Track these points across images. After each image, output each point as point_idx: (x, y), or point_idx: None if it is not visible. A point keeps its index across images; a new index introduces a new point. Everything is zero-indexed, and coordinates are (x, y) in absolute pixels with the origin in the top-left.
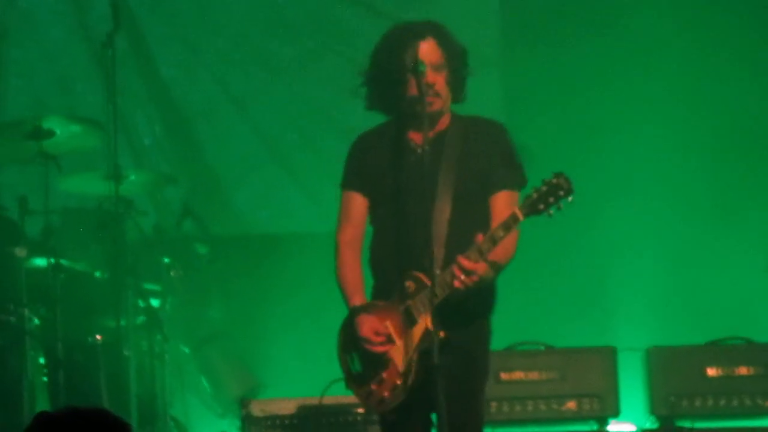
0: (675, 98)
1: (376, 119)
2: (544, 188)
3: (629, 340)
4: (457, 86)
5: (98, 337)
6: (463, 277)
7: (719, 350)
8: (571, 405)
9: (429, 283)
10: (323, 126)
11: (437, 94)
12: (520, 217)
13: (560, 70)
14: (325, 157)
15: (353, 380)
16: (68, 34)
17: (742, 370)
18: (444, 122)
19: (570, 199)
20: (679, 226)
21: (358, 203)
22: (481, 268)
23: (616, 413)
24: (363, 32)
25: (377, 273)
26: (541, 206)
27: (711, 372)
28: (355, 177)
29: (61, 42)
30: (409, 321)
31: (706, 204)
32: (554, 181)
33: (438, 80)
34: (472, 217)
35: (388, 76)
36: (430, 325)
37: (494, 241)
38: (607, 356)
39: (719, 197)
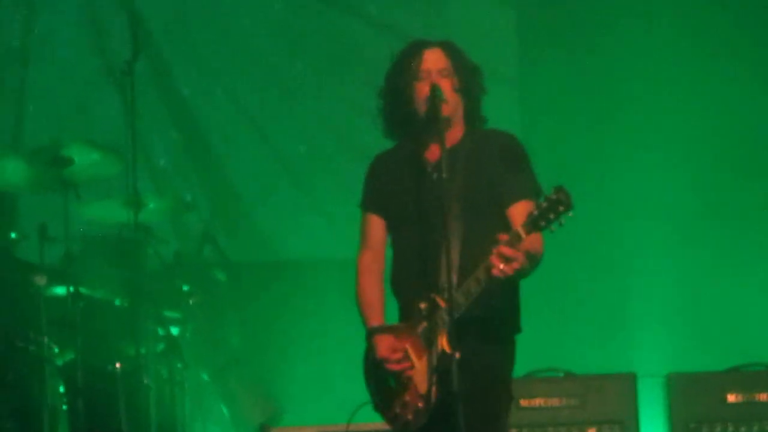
0: (699, 114)
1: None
2: (545, 204)
3: (649, 366)
4: (470, 102)
5: (118, 365)
6: (502, 266)
7: (740, 376)
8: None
9: (444, 304)
10: (342, 148)
11: (444, 100)
12: (523, 235)
13: (578, 86)
14: (344, 180)
15: (379, 404)
16: (87, 58)
17: (763, 396)
18: (456, 136)
19: (570, 214)
20: (699, 251)
21: (376, 225)
22: (520, 255)
23: None
24: (381, 54)
25: (399, 295)
26: (542, 223)
27: (731, 398)
28: (372, 199)
29: (80, 66)
30: (428, 342)
31: (725, 228)
32: (554, 196)
33: (443, 84)
34: (486, 233)
35: (397, 89)
36: (446, 347)
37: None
38: (628, 382)
39: (738, 222)
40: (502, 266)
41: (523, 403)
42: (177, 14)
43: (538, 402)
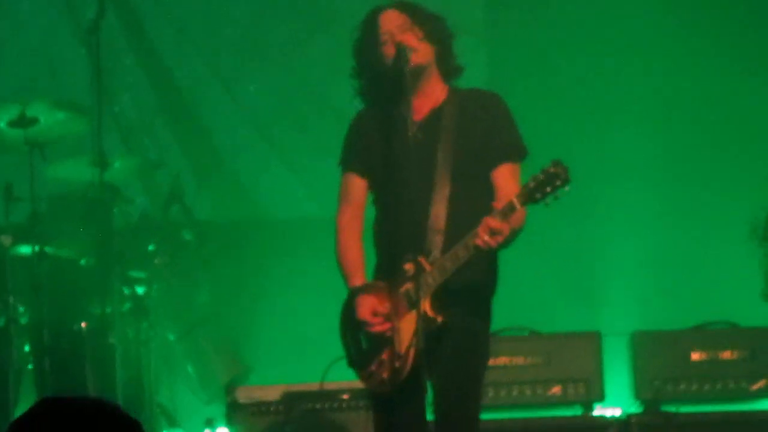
0: (670, 79)
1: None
2: (542, 177)
3: (614, 324)
4: (442, 49)
5: (84, 324)
6: (487, 237)
7: (704, 335)
8: (557, 390)
9: (429, 267)
10: (315, 107)
11: (412, 49)
12: (517, 206)
13: (548, 43)
14: (317, 139)
15: (355, 361)
16: (55, 15)
17: (727, 354)
18: (439, 97)
19: (567, 188)
20: (664, 210)
21: (357, 184)
22: (506, 229)
23: (601, 398)
24: (355, 12)
25: (380, 253)
26: (538, 195)
27: (695, 356)
28: (352, 157)
29: (48, 23)
30: (410, 304)
31: (691, 189)
32: (551, 170)
33: (406, 37)
34: (471, 195)
35: (365, 60)
36: (429, 310)
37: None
38: (592, 341)
39: (705, 181)
40: (486, 238)
41: (488, 361)
42: None
43: (502, 361)
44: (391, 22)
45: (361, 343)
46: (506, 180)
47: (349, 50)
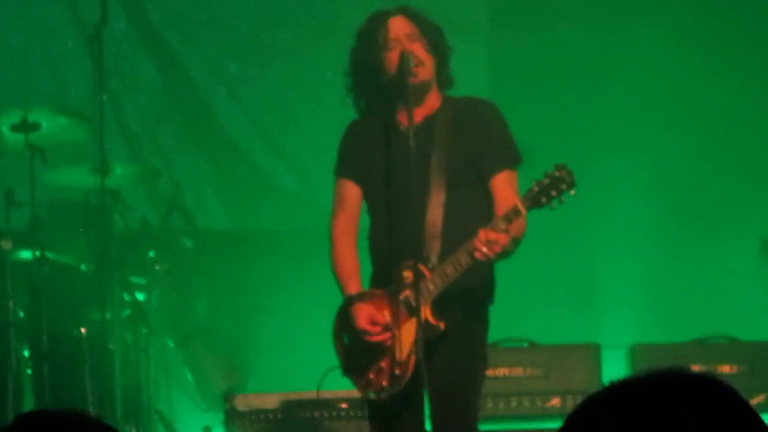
0: (663, 96)
1: None
2: (546, 181)
3: (613, 337)
4: (441, 64)
5: (83, 330)
6: (485, 249)
7: (703, 348)
8: (555, 402)
9: (428, 274)
10: (318, 116)
11: (420, 62)
12: (522, 210)
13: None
14: (318, 147)
15: (351, 369)
16: (60, 19)
17: (726, 368)
18: (433, 105)
19: (572, 192)
20: (664, 223)
21: (351, 191)
22: (504, 239)
23: None
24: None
25: (376, 261)
26: (543, 199)
27: (694, 370)
28: (346, 165)
29: (53, 27)
30: (409, 311)
31: (692, 202)
32: (556, 173)
33: (415, 48)
34: (467, 201)
35: (366, 64)
36: (430, 317)
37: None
38: (592, 353)
39: (705, 195)
40: (484, 249)
41: (488, 372)
42: None
43: (502, 371)
44: (401, 29)
45: (357, 351)
46: (504, 187)
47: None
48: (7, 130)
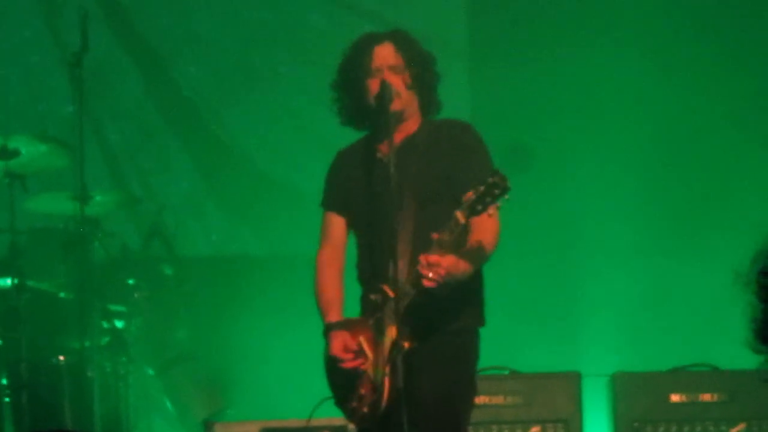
0: (647, 120)
1: (352, 132)
2: (482, 188)
3: (594, 365)
4: (424, 93)
5: (62, 358)
6: (431, 274)
7: (683, 376)
8: (536, 430)
9: (392, 294)
10: (300, 140)
11: (396, 93)
12: (461, 220)
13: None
14: (301, 174)
15: (338, 399)
16: (40, 46)
17: (706, 397)
18: (412, 127)
19: (506, 197)
20: (645, 251)
21: (336, 223)
22: (447, 261)
23: None
24: (340, 42)
25: (362, 288)
26: (479, 207)
27: (675, 398)
28: (331, 197)
29: (33, 53)
30: (379, 333)
31: (673, 230)
32: (490, 180)
33: (395, 81)
34: (438, 221)
35: (349, 85)
36: (396, 337)
37: (441, 245)
38: (572, 382)
39: (684, 224)
40: (430, 274)
41: None
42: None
43: (482, 400)
44: (385, 59)
45: (339, 380)
46: None
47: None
48: None
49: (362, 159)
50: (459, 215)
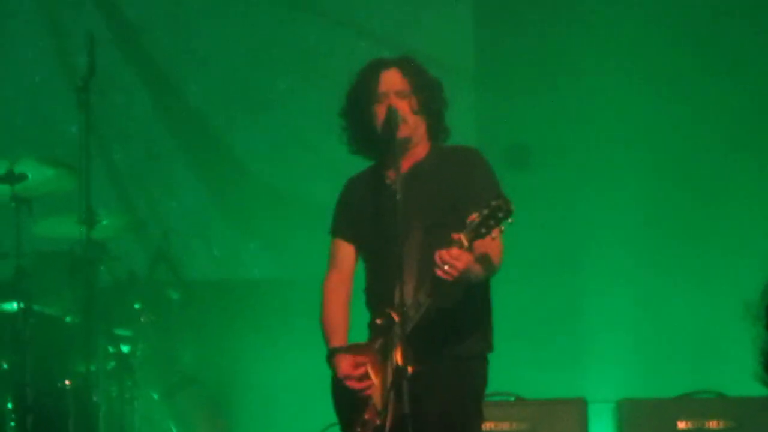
0: (654, 139)
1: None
2: (486, 211)
3: (600, 392)
4: (432, 119)
5: (68, 382)
6: (446, 266)
7: (690, 403)
8: None
9: (396, 318)
10: (306, 165)
11: (403, 119)
12: (465, 243)
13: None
14: (311, 197)
15: (344, 423)
16: (48, 68)
17: (713, 424)
18: (420, 154)
19: (510, 220)
20: (651, 278)
21: (345, 250)
22: (466, 256)
23: None
24: (348, 69)
25: (370, 313)
26: (483, 230)
27: (681, 425)
28: (339, 224)
29: (40, 76)
30: (383, 358)
31: (679, 257)
32: (494, 203)
33: (401, 106)
34: (444, 244)
35: (356, 111)
36: (399, 360)
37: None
38: (578, 408)
39: (691, 249)
40: (446, 267)
41: None
42: (145, 22)
43: (488, 426)
44: (392, 84)
45: (345, 405)
46: None
47: (339, 107)
48: None
49: (371, 186)
50: (462, 238)
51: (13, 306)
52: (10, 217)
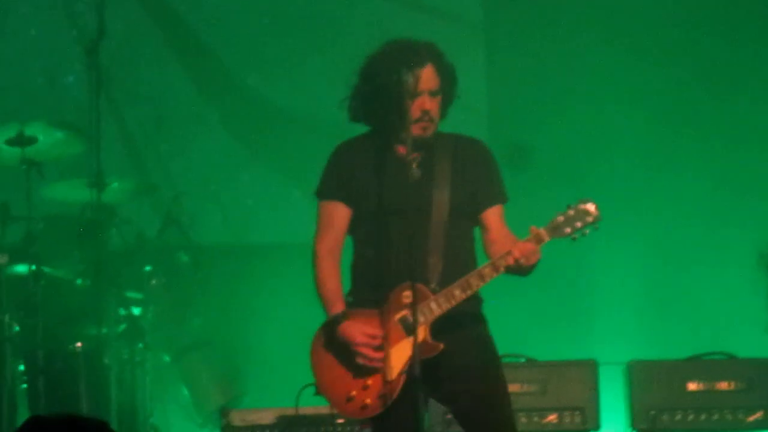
0: (662, 108)
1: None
2: (571, 212)
3: (611, 353)
4: (445, 109)
5: (79, 344)
6: (523, 260)
7: (700, 365)
8: (552, 418)
9: (430, 295)
10: (312, 129)
11: (432, 120)
12: (546, 238)
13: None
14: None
15: (329, 386)
16: (59, 31)
17: (723, 385)
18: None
19: (597, 227)
20: (661, 240)
21: (342, 213)
22: (539, 254)
23: (597, 427)
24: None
25: (358, 284)
26: (568, 230)
27: (692, 386)
28: (338, 187)
29: (51, 39)
30: (406, 331)
31: (689, 218)
32: (581, 206)
33: (433, 107)
34: (464, 233)
35: (385, 95)
36: (429, 337)
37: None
38: (589, 369)
39: (702, 212)
40: (522, 260)
41: None
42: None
43: None
44: (428, 83)
45: (340, 368)
46: (500, 219)
47: (342, 75)
48: (4, 144)
49: (376, 157)
50: (544, 234)
51: (24, 269)
52: (21, 181)
